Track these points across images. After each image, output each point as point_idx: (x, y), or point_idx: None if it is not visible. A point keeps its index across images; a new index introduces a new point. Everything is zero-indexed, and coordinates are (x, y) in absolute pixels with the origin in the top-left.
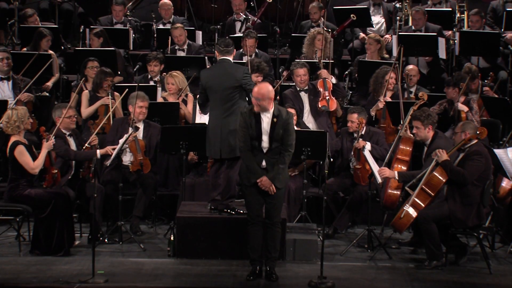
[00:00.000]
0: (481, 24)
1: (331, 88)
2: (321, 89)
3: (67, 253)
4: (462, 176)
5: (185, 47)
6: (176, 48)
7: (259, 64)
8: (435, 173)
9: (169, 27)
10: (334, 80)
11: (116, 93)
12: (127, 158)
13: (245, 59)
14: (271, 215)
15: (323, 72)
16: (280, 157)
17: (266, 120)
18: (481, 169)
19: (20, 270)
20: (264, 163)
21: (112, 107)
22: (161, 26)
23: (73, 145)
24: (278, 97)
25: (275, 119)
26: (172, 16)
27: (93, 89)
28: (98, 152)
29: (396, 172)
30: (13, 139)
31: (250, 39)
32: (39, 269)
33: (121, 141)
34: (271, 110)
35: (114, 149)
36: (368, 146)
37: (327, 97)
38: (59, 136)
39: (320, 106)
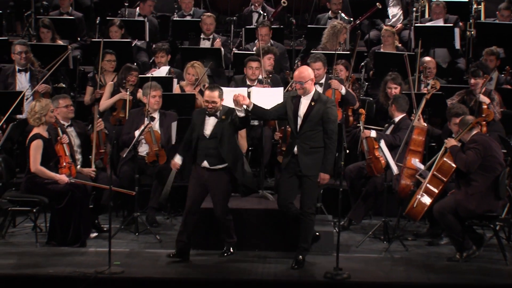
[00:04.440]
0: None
1: (339, 99)
2: None
3: (84, 244)
4: (465, 164)
5: (211, 37)
6: (202, 37)
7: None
8: (446, 159)
9: (189, 19)
10: (343, 91)
11: (140, 90)
12: (143, 149)
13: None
14: (301, 205)
15: (333, 83)
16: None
17: (304, 102)
18: (479, 156)
19: (37, 261)
20: (295, 148)
21: (129, 103)
22: (176, 18)
23: (73, 135)
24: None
25: (313, 103)
26: (193, 8)
27: (117, 83)
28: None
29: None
30: (35, 131)
31: (264, 27)
32: (55, 260)
33: (136, 132)
34: (311, 94)
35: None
36: (373, 133)
37: None
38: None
39: None
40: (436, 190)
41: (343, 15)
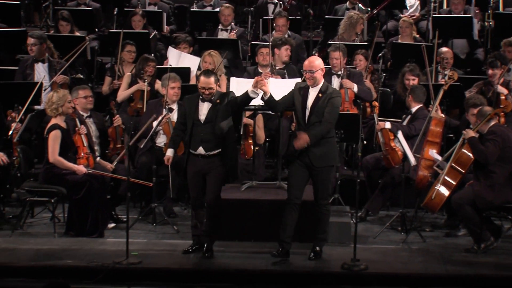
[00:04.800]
0: None
1: (353, 98)
2: None
3: (101, 235)
4: (484, 156)
5: (229, 28)
6: (219, 28)
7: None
8: (465, 150)
9: (206, 10)
10: (356, 89)
11: (157, 80)
12: (160, 140)
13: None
14: (315, 197)
15: (345, 82)
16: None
17: (312, 94)
18: (498, 148)
19: (55, 251)
20: None
21: (147, 93)
22: (195, 9)
23: (92, 127)
24: None
25: (320, 95)
26: None
27: (135, 74)
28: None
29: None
30: (53, 121)
31: (281, 18)
32: (74, 250)
33: (154, 123)
34: (320, 85)
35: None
36: (388, 125)
37: (347, 108)
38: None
39: None
40: (454, 182)
41: (360, 5)
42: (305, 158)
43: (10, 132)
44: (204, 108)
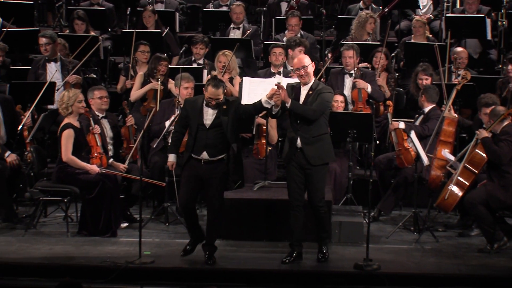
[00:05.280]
0: None
1: (366, 98)
2: (355, 100)
3: (114, 234)
4: (497, 156)
5: (241, 26)
6: (231, 26)
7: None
8: (478, 150)
9: (219, 10)
10: (369, 90)
11: (170, 80)
12: None
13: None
14: (310, 199)
15: (359, 83)
16: None
17: (303, 92)
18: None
19: (68, 250)
20: (298, 141)
21: (160, 92)
22: (211, 8)
23: (107, 127)
24: (323, 79)
25: (310, 92)
26: None
27: (148, 74)
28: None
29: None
30: (66, 120)
31: (293, 17)
32: (86, 250)
33: (167, 123)
34: (311, 83)
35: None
36: (401, 125)
37: (360, 108)
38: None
39: None
40: (467, 183)
41: (373, 5)
42: (300, 159)
43: (20, 127)
44: (209, 113)
